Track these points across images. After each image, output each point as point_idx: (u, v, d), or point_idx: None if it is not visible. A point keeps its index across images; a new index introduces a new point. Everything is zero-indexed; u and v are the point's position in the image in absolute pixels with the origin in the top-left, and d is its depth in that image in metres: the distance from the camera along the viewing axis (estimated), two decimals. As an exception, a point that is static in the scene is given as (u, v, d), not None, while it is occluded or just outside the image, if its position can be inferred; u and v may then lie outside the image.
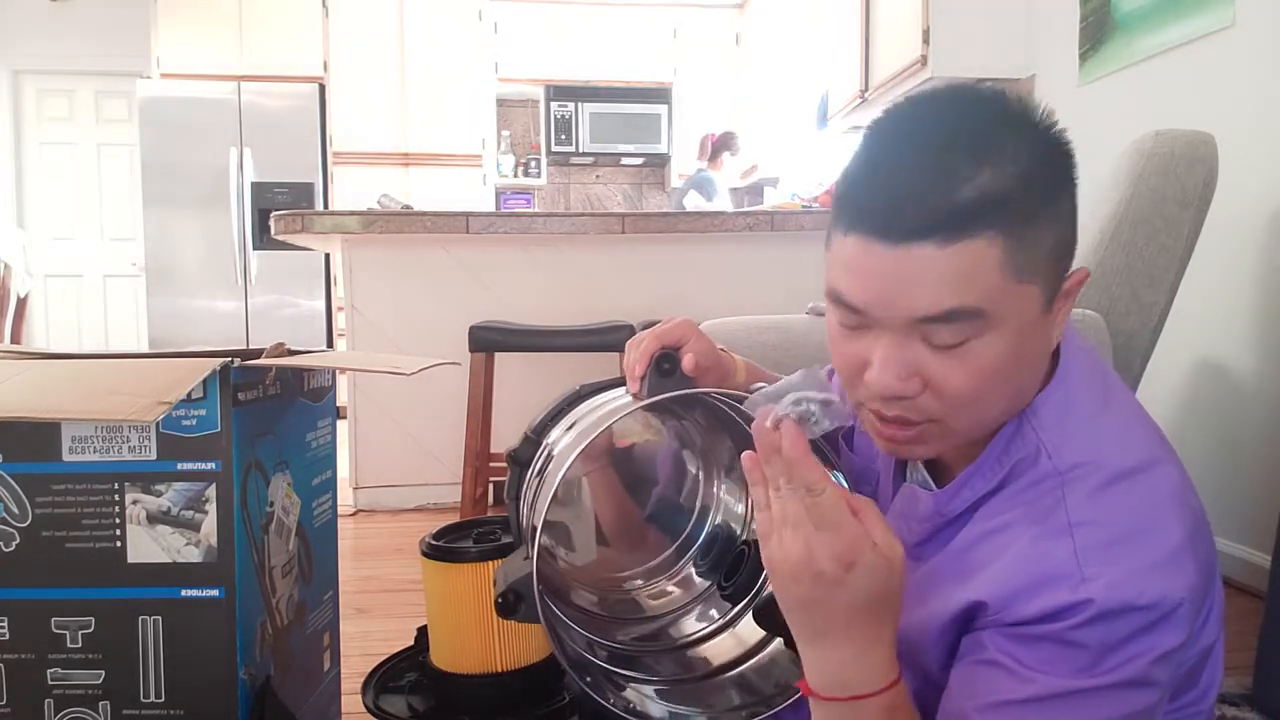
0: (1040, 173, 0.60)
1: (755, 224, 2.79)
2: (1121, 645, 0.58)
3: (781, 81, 4.94)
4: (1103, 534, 0.60)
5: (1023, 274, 0.59)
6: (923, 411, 0.63)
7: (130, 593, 0.89)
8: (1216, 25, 2.07)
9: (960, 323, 0.59)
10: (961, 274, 0.58)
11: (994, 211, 0.58)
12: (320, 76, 4.95)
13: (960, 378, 0.61)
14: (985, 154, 0.59)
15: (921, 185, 0.59)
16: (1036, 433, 0.65)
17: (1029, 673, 0.59)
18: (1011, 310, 0.60)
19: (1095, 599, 0.57)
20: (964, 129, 0.60)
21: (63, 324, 5.45)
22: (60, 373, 0.89)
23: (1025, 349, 0.62)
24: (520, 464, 0.79)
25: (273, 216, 2.77)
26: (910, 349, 0.62)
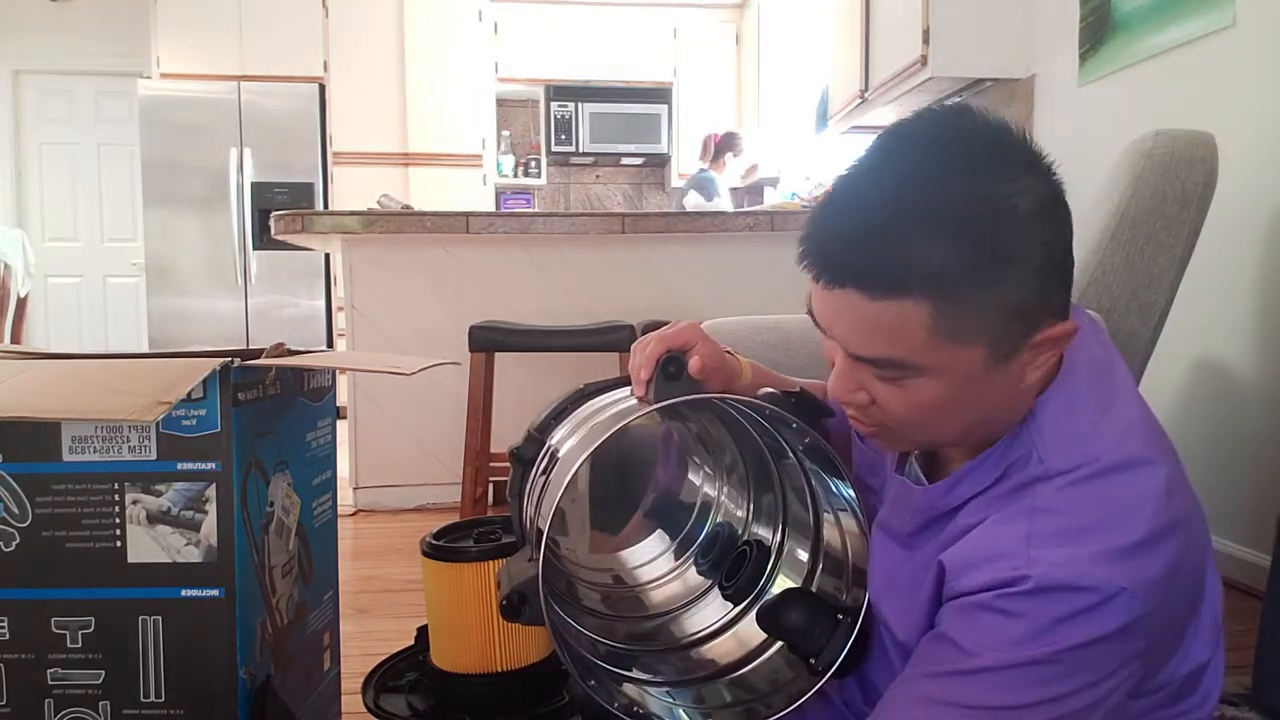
0: (987, 245, 0.58)
1: (755, 224, 2.79)
2: (1056, 623, 0.59)
3: (781, 81, 4.94)
4: (1061, 522, 0.62)
5: (956, 336, 0.60)
6: (873, 419, 0.68)
7: (130, 593, 0.89)
8: (1216, 25, 2.07)
9: (888, 369, 0.63)
10: (888, 328, 0.60)
11: (922, 282, 0.58)
12: (320, 76, 4.95)
13: (898, 405, 0.64)
14: (928, 221, 0.58)
15: (857, 239, 0.60)
16: (1032, 437, 0.66)
17: (968, 645, 0.62)
18: (946, 365, 0.61)
19: (1033, 575, 0.59)
20: (918, 185, 0.59)
21: (63, 324, 5.45)
22: (60, 373, 0.89)
23: (975, 394, 0.63)
24: (523, 462, 0.79)
25: (273, 216, 2.77)
26: (859, 368, 0.65)
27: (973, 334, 0.60)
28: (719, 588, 0.86)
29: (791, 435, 0.76)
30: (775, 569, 0.85)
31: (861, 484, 0.85)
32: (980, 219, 0.58)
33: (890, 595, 0.74)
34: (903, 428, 0.67)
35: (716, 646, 0.84)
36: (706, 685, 0.81)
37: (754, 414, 0.77)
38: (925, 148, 0.61)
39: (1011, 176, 0.60)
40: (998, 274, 0.59)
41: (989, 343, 0.61)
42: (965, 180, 0.59)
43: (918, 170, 0.60)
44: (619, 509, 0.91)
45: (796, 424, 0.73)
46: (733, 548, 0.87)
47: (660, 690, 0.79)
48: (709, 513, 0.91)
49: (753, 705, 0.76)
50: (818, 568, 0.83)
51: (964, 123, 0.62)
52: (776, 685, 0.77)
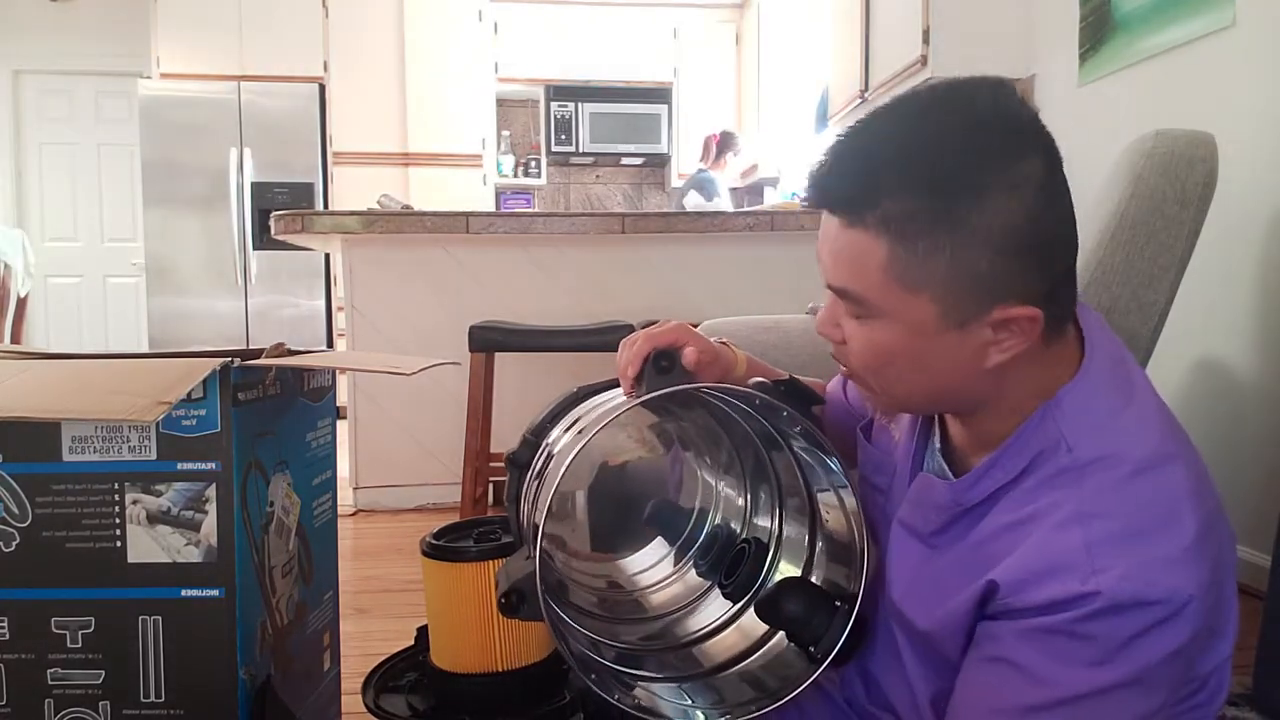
0: (954, 205, 0.60)
1: (755, 224, 2.79)
2: (1131, 641, 0.58)
3: (781, 81, 4.94)
4: (1116, 526, 0.60)
5: (907, 283, 0.62)
6: (845, 362, 0.72)
7: (130, 593, 0.89)
8: (1216, 25, 2.07)
9: (848, 301, 0.67)
10: (852, 258, 0.64)
11: (883, 220, 0.61)
12: (320, 76, 4.95)
13: (858, 342, 0.68)
14: (907, 165, 0.61)
15: (841, 166, 0.65)
16: (1058, 425, 0.65)
17: (1041, 674, 0.60)
18: (898, 312, 0.64)
19: (1104, 590, 0.58)
20: (913, 133, 0.63)
21: (63, 324, 5.45)
22: (60, 373, 0.89)
23: (924, 354, 0.65)
24: (519, 466, 0.79)
25: (273, 216, 2.77)
26: (837, 303, 0.69)
27: (923, 286, 0.62)
28: (719, 586, 0.86)
29: (784, 424, 0.76)
30: (775, 563, 0.85)
31: (868, 483, 0.85)
32: (957, 179, 0.60)
33: (915, 593, 0.73)
34: (866, 373, 0.69)
35: (720, 642, 0.85)
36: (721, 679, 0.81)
37: (745, 405, 0.77)
38: (937, 104, 0.64)
39: (1009, 155, 0.61)
40: (958, 235, 0.60)
41: (940, 301, 0.62)
42: (960, 142, 0.61)
43: (919, 120, 0.63)
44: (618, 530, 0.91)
45: (787, 412, 0.73)
46: (731, 547, 0.87)
47: (671, 688, 0.79)
48: (707, 515, 0.91)
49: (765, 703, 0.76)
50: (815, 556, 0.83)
51: (982, 94, 0.63)
52: (787, 681, 0.77)
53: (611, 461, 0.88)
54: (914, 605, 0.73)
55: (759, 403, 0.74)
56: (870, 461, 0.85)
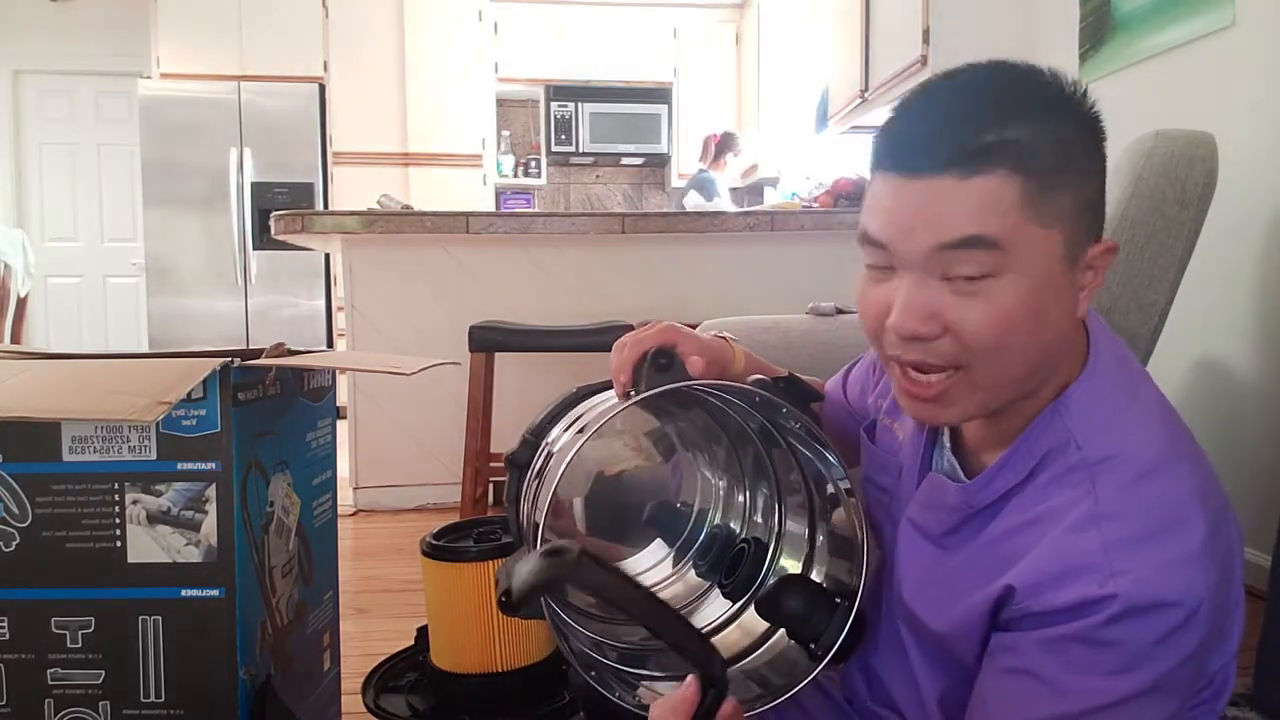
0: (1064, 134, 0.61)
1: (755, 224, 2.79)
2: (1150, 647, 0.58)
3: (781, 82, 4.94)
4: (1131, 528, 0.60)
5: (1042, 217, 0.60)
6: (942, 356, 0.63)
7: (130, 593, 0.89)
8: (1216, 25, 2.07)
9: (978, 251, 0.60)
10: (980, 205, 0.59)
11: (1014, 154, 0.59)
12: (320, 76, 4.95)
13: (978, 317, 0.61)
14: (1012, 105, 0.61)
15: (946, 124, 0.61)
16: (1066, 423, 0.65)
17: (1062, 684, 0.59)
18: (1030, 252, 0.60)
19: (1120, 594, 0.57)
20: (996, 83, 0.63)
21: (63, 324, 5.45)
22: (60, 373, 0.89)
23: (1047, 303, 0.62)
24: (519, 466, 0.79)
25: (273, 216, 2.77)
26: (930, 288, 0.62)
27: (1054, 218, 0.61)
28: (719, 586, 0.86)
29: (783, 420, 0.76)
30: (774, 560, 0.85)
31: (871, 483, 0.84)
32: (1060, 110, 0.62)
33: (927, 594, 0.73)
34: (974, 356, 0.62)
35: (721, 640, 0.84)
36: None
37: (744, 402, 0.77)
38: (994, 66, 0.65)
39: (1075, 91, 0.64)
40: (1077, 161, 0.62)
41: (1066, 232, 0.62)
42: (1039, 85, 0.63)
43: (995, 75, 0.64)
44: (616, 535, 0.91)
45: (787, 408, 0.73)
46: (731, 547, 0.87)
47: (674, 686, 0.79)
48: (706, 515, 0.91)
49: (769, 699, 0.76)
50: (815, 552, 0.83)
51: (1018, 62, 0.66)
52: (793, 678, 0.77)
53: (608, 471, 0.88)
54: (926, 606, 0.72)
55: (759, 400, 0.74)
56: (874, 462, 0.85)
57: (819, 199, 3.19)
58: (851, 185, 3.11)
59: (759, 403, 0.75)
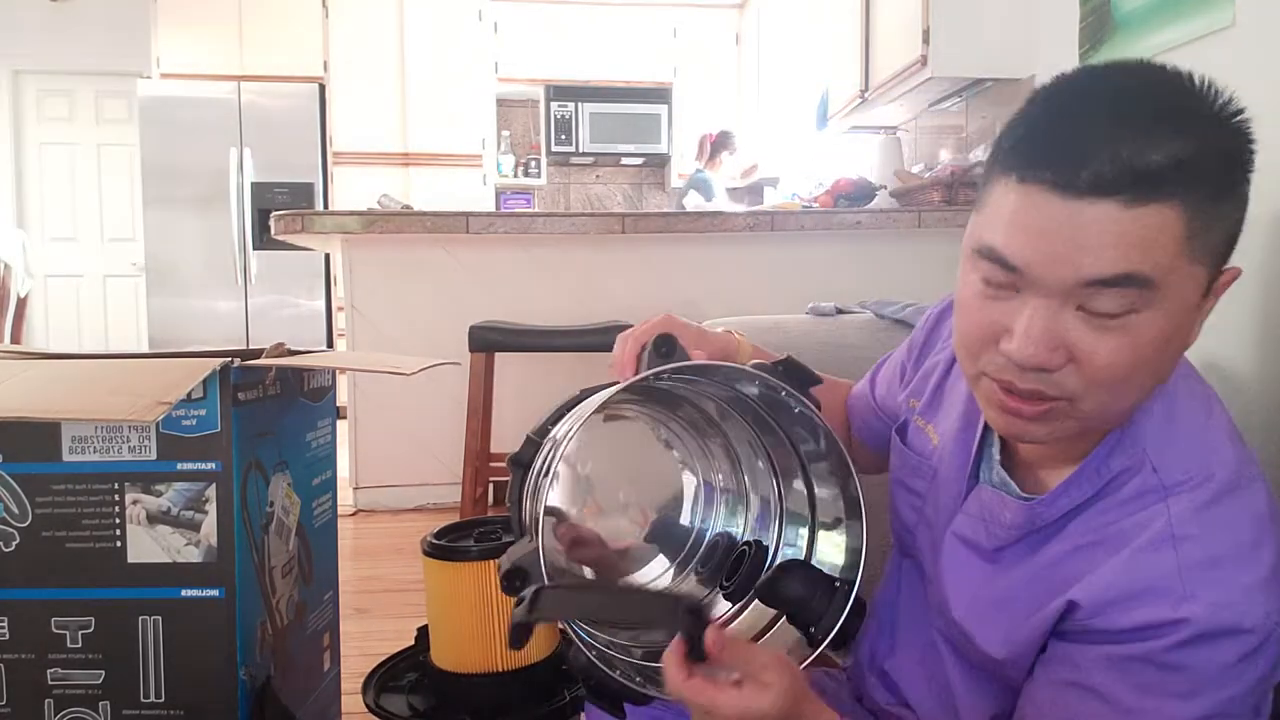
0: (1231, 152, 0.57)
1: (755, 224, 2.79)
2: (1220, 672, 0.57)
3: (781, 81, 4.94)
4: (1207, 550, 0.58)
5: (1196, 253, 0.55)
6: (1059, 387, 0.58)
7: (130, 593, 0.89)
8: (1216, 25, 2.07)
9: (1128, 290, 0.55)
10: (1141, 239, 0.54)
11: (1186, 180, 0.54)
12: (320, 76, 4.95)
13: (1109, 353, 0.56)
14: (1182, 121, 0.55)
15: (1116, 139, 0.54)
16: (1141, 445, 0.62)
17: (1127, 704, 0.58)
18: (1177, 289, 0.56)
19: (1193, 619, 0.56)
20: (1159, 94, 0.56)
21: (63, 324, 5.45)
22: (60, 373, 0.89)
23: (1175, 336, 0.58)
24: (522, 465, 0.79)
25: (273, 216, 2.77)
26: (1062, 317, 0.57)
27: (1208, 252, 0.56)
28: (720, 589, 0.86)
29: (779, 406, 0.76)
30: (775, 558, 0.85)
31: (902, 486, 0.83)
32: (1222, 126, 0.57)
33: (979, 614, 0.70)
34: (1093, 390, 0.58)
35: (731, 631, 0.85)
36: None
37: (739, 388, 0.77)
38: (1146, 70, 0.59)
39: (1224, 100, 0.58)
40: (1237, 184, 0.57)
41: (1210, 266, 0.57)
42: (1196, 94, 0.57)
43: (1154, 84, 0.57)
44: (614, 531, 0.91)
45: (785, 390, 0.74)
46: (732, 551, 0.87)
47: None
48: (708, 525, 0.91)
49: None
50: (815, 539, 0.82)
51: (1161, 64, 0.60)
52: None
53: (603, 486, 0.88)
54: (981, 627, 0.70)
55: (758, 382, 0.74)
56: (906, 464, 0.82)
57: (819, 199, 3.19)
58: (851, 185, 3.11)
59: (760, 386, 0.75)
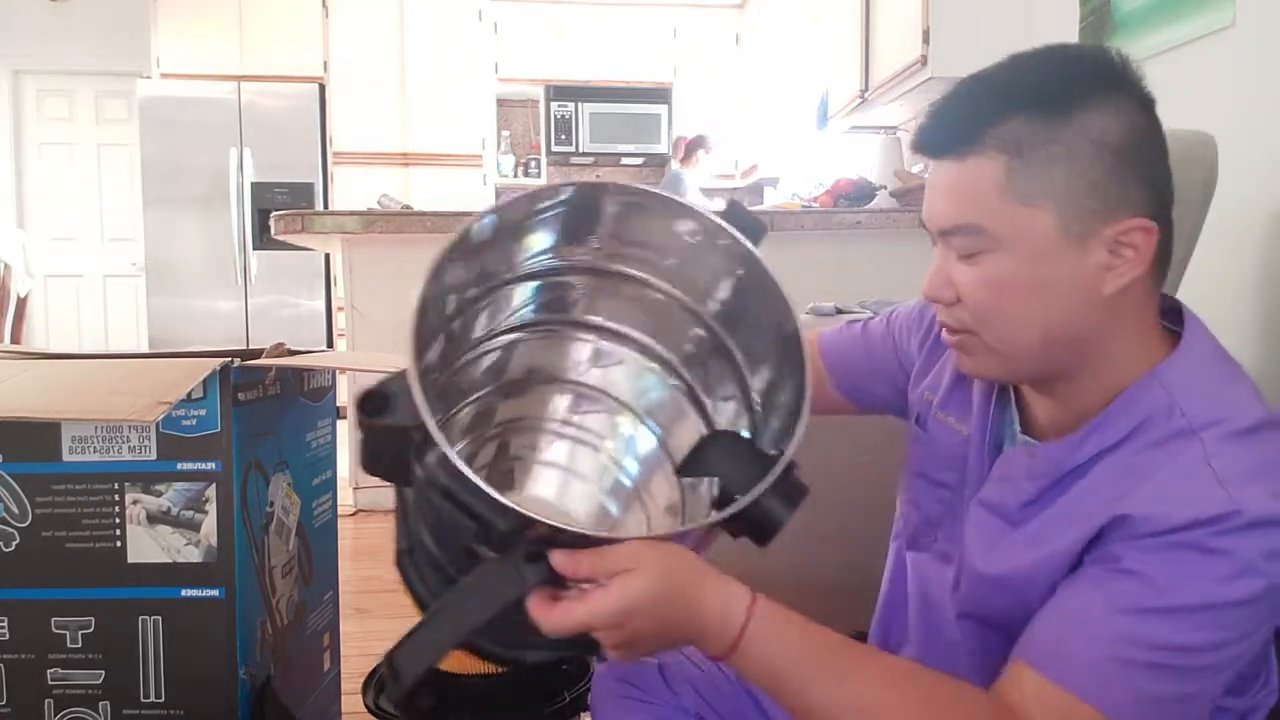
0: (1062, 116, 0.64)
1: (755, 224, 2.78)
2: (1263, 559, 0.58)
3: (781, 81, 4.94)
4: (1241, 464, 0.61)
5: (1026, 197, 0.64)
6: (959, 320, 0.70)
7: (130, 593, 0.89)
8: (1216, 25, 2.07)
9: (966, 236, 0.67)
10: (967, 189, 0.66)
11: (997, 140, 0.64)
12: (320, 76, 4.95)
13: (972, 286, 0.67)
14: (1012, 92, 0.65)
15: (953, 109, 0.68)
16: (1168, 391, 0.65)
17: (1163, 582, 0.59)
18: (1017, 233, 0.65)
19: (1246, 510, 0.58)
20: (1014, 71, 0.68)
21: (63, 324, 5.45)
22: (60, 373, 0.89)
23: (1046, 276, 0.65)
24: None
25: (273, 216, 2.77)
26: (949, 260, 0.69)
27: (1042, 196, 0.64)
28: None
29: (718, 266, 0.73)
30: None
31: (925, 479, 0.83)
32: (1060, 94, 0.64)
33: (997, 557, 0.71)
34: (981, 323, 0.68)
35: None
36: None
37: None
38: (1035, 55, 0.69)
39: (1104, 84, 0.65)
40: (1073, 140, 0.63)
41: (1059, 210, 0.64)
42: (1060, 68, 0.67)
43: (1022, 66, 0.68)
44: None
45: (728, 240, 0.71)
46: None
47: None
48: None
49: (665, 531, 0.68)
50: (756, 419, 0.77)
51: (1074, 47, 0.71)
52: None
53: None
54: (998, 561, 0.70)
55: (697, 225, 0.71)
56: (929, 454, 0.83)
57: (819, 199, 3.19)
58: (851, 185, 3.11)
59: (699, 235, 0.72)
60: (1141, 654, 0.58)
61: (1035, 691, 0.60)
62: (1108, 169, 0.64)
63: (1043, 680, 0.60)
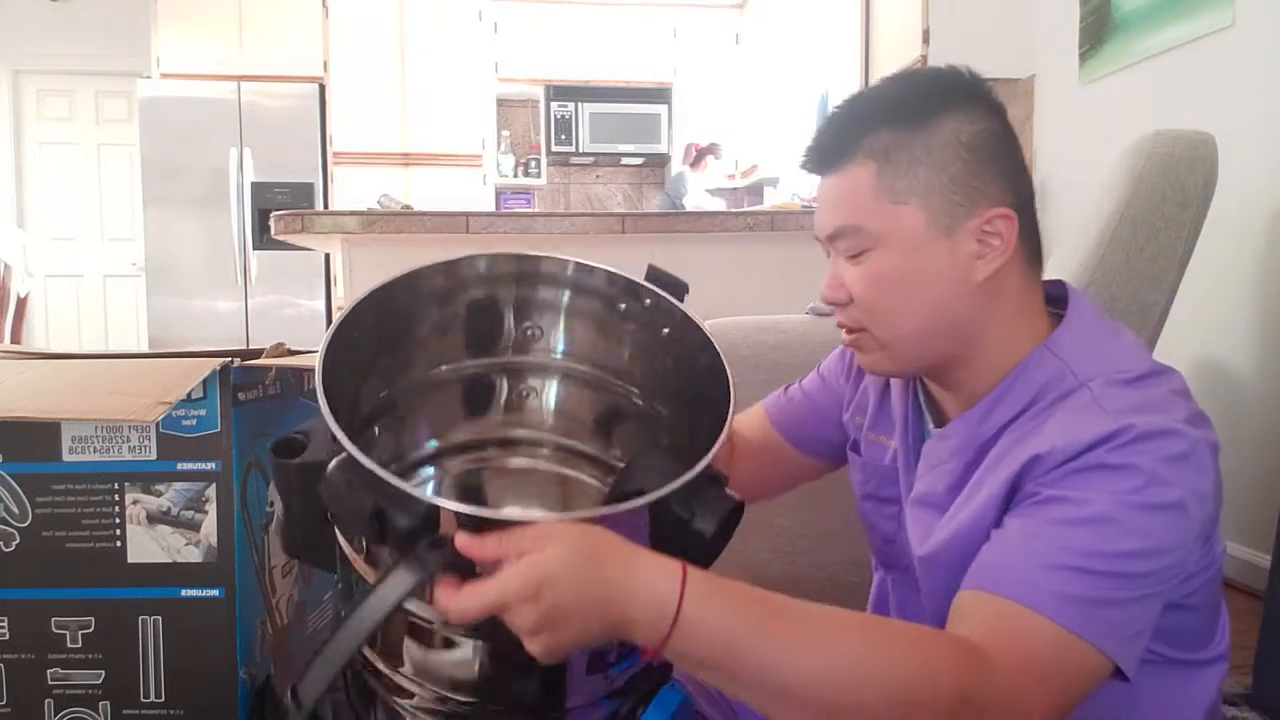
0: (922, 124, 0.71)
1: (755, 224, 2.79)
2: (1165, 467, 0.62)
3: (781, 81, 4.94)
4: (1125, 403, 0.66)
5: (896, 196, 0.71)
6: (853, 319, 0.77)
7: (130, 593, 0.89)
8: (1216, 25, 2.07)
9: (849, 237, 0.74)
10: (844, 197, 0.74)
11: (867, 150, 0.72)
12: (320, 76, 4.95)
13: (859, 284, 0.74)
14: (878, 108, 0.74)
15: (831, 129, 0.76)
16: (1059, 357, 0.72)
17: (1085, 496, 0.63)
18: (891, 230, 0.72)
19: (1136, 424, 0.63)
20: (871, 94, 0.77)
21: (63, 324, 5.45)
22: (60, 373, 0.89)
23: (922, 268, 0.72)
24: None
25: (273, 216, 2.77)
26: (839, 264, 0.77)
27: (909, 194, 0.71)
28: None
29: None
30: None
31: (873, 498, 0.87)
32: (922, 104, 0.73)
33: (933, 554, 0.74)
34: (869, 317, 0.75)
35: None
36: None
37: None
38: (896, 76, 0.79)
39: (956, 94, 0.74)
40: (931, 142, 0.71)
41: (926, 206, 0.71)
42: (919, 85, 0.76)
43: (884, 87, 0.77)
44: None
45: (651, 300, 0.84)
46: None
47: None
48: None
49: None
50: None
51: (930, 68, 0.78)
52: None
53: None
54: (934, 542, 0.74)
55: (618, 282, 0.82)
56: (870, 477, 0.88)
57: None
58: (851, 185, 3.11)
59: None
60: (1072, 560, 0.61)
61: (979, 607, 0.63)
62: (965, 165, 0.71)
63: (983, 594, 0.63)
